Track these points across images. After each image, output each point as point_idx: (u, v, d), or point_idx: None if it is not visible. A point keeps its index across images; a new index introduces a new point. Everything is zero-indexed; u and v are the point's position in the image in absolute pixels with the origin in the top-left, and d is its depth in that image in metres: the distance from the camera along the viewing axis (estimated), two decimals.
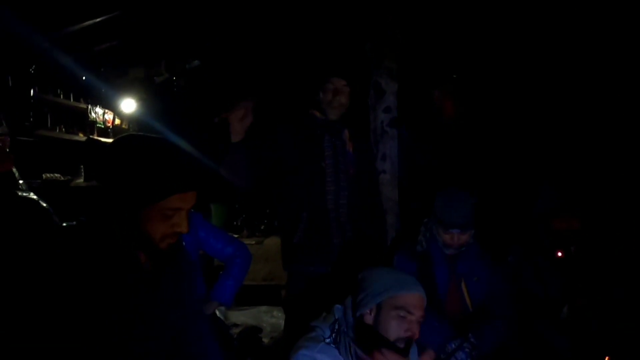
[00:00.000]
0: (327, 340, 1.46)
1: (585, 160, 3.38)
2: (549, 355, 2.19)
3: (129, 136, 1.17)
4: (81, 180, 3.98)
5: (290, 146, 2.21)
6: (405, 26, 3.14)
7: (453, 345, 2.04)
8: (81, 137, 4.38)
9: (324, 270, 2.21)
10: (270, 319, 3.68)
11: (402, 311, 1.43)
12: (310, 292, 2.20)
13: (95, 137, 4.55)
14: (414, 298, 1.46)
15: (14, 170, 1.86)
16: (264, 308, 3.78)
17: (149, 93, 4.92)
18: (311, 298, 2.14)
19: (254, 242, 4.21)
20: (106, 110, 4.83)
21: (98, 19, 3.25)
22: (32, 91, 3.71)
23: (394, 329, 1.42)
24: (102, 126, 4.77)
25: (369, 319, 1.46)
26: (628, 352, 2.06)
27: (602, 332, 2.16)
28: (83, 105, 4.49)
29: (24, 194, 1.83)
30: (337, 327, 1.49)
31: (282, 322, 3.57)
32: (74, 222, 1.18)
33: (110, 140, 4.69)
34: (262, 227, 4.59)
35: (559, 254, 2.26)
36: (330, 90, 2.23)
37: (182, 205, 1.10)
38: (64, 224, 1.87)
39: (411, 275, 2.20)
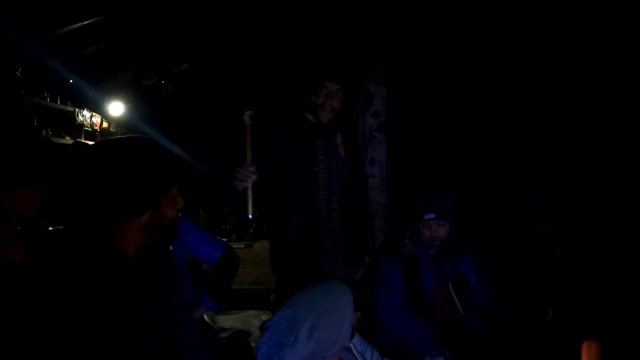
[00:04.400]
0: None
1: (572, 163, 3.43)
2: (536, 356, 2.21)
3: (115, 140, 1.18)
4: None
5: (283, 150, 2.20)
6: (400, 29, 3.16)
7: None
8: (68, 140, 4.34)
9: (314, 275, 2.21)
10: (259, 323, 3.66)
11: None
12: None
13: (83, 141, 4.51)
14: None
15: None
16: (252, 312, 3.76)
17: (137, 96, 4.89)
18: None
19: (242, 246, 4.20)
20: (94, 114, 4.79)
21: (86, 22, 3.23)
22: (20, 95, 3.66)
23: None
24: (90, 129, 4.73)
25: None
26: (613, 353, 2.09)
27: (587, 334, 2.18)
28: (70, 108, 4.45)
29: None
30: None
31: None
32: (61, 227, 1.18)
33: None
34: (251, 231, 4.58)
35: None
36: (323, 94, 2.22)
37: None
38: (50, 228, 1.85)
39: (397, 278, 2.24)
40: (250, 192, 1.90)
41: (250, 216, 1.92)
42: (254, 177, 1.91)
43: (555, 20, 3.38)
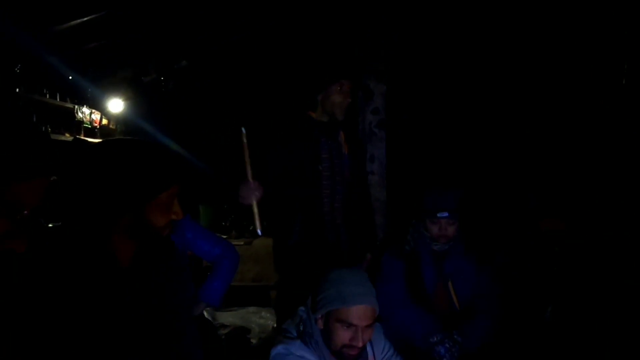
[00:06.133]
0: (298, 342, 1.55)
1: (571, 162, 3.43)
2: (535, 354, 2.22)
3: (120, 141, 1.19)
4: None
5: (286, 148, 2.21)
6: (400, 29, 3.16)
7: (435, 338, 2.06)
8: (68, 137, 4.34)
9: (318, 272, 2.22)
10: (259, 319, 3.67)
11: (345, 323, 1.49)
12: (303, 294, 2.21)
13: (82, 138, 4.50)
14: (356, 311, 1.50)
15: None
16: (252, 309, 3.77)
17: (137, 93, 4.89)
18: (304, 300, 2.15)
19: (242, 243, 4.20)
20: (93, 110, 4.78)
21: (86, 18, 3.22)
22: (17, 90, 3.66)
23: (339, 338, 1.51)
24: (89, 126, 4.72)
25: (320, 323, 1.55)
26: (610, 349, 2.10)
27: (585, 331, 2.19)
28: (70, 105, 4.45)
29: None
30: (301, 328, 1.57)
31: (270, 323, 3.58)
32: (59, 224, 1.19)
33: (97, 140, 4.65)
34: (251, 228, 4.58)
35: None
36: (341, 92, 2.21)
37: (175, 192, 1.20)
38: (50, 225, 1.85)
39: (398, 274, 2.24)
40: (255, 209, 1.91)
41: (258, 232, 1.93)
42: (257, 194, 1.92)
43: (555, 18, 3.38)
